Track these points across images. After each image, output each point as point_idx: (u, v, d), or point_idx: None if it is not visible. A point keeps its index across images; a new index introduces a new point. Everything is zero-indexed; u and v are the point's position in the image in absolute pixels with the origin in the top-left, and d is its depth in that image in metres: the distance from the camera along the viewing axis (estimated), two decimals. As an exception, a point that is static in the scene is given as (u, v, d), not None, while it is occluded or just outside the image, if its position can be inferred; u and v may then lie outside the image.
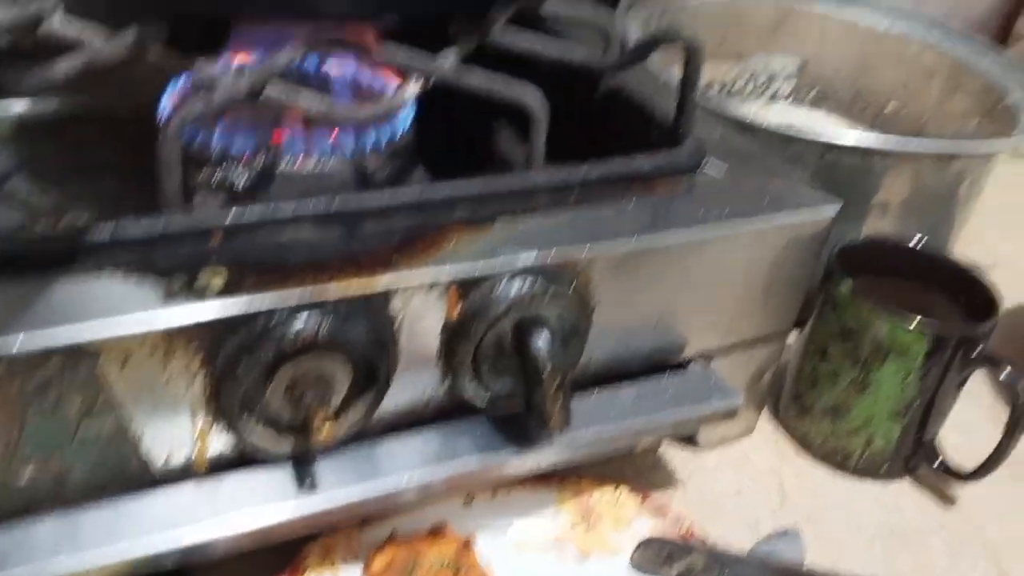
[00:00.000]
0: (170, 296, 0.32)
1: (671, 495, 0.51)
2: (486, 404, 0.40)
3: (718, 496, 0.52)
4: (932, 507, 0.53)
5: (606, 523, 0.47)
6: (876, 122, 0.80)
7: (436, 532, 0.43)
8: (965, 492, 0.54)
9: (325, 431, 0.34)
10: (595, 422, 0.43)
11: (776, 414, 0.58)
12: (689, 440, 0.54)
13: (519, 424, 0.41)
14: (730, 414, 0.46)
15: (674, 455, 0.54)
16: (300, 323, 0.33)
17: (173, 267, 0.34)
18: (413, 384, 0.39)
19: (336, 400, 0.36)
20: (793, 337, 0.52)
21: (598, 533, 0.47)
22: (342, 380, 0.35)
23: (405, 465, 0.39)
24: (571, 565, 0.45)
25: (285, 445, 0.36)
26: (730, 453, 0.55)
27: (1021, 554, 0.50)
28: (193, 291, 0.33)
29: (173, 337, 0.32)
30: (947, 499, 0.53)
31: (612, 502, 0.47)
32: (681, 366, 0.47)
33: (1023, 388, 0.48)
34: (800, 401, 0.55)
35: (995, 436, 0.50)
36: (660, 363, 0.46)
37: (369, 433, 0.39)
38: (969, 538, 0.51)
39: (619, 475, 0.51)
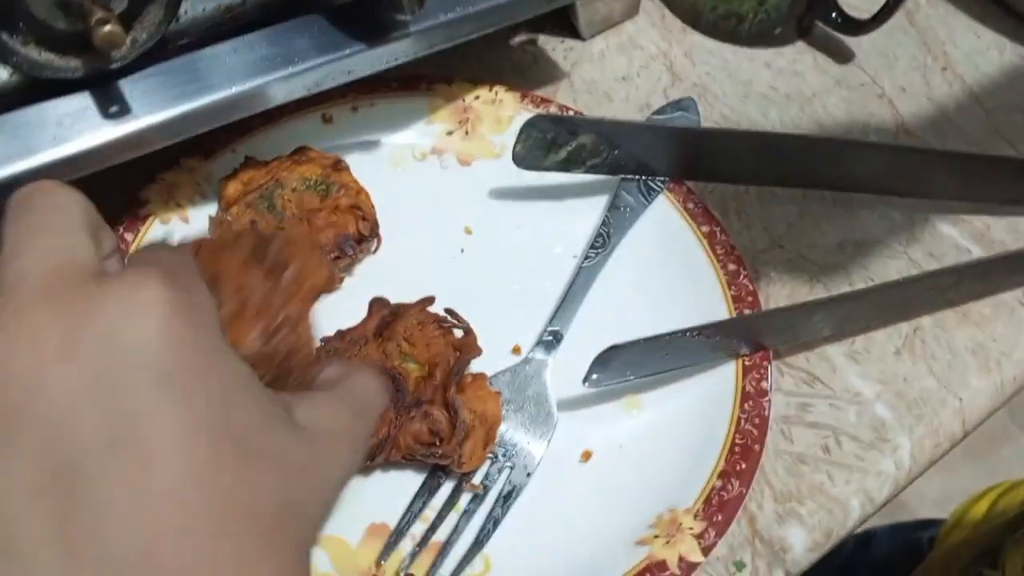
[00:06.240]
0: None
1: (555, 89, 0.47)
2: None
3: (606, 83, 0.47)
4: (828, 66, 0.50)
5: (485, 126, 0.43)
6: None
7: (299, 153, 0.38)
8: (861, 47, 0.50)
9: (108, 32, 0.27)
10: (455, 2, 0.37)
11: (661, -10, 0.52)
12: (570, 29, 0.49)
13: (365, 16, 0.35)
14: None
15: (555, 47, 0.48)
16: None
17: None
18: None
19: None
20: None
21: (478, 137, 0.42)
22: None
23: (231, 74, 0.33)
24: (453, 175, 0.42)
25: (72, 63, 0.29)
26: (615, 39, 0.49)
27: (914, 99, 0.48)
28: None
29: None
30: (843, 56, 0.50)
31: (489, 102, 0.43)
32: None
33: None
34: (687, -30, 0.49)
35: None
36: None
37: (185, 47, 0.33)
38: (866, 91, 0.49)
39: (496, 75, 0.46)
